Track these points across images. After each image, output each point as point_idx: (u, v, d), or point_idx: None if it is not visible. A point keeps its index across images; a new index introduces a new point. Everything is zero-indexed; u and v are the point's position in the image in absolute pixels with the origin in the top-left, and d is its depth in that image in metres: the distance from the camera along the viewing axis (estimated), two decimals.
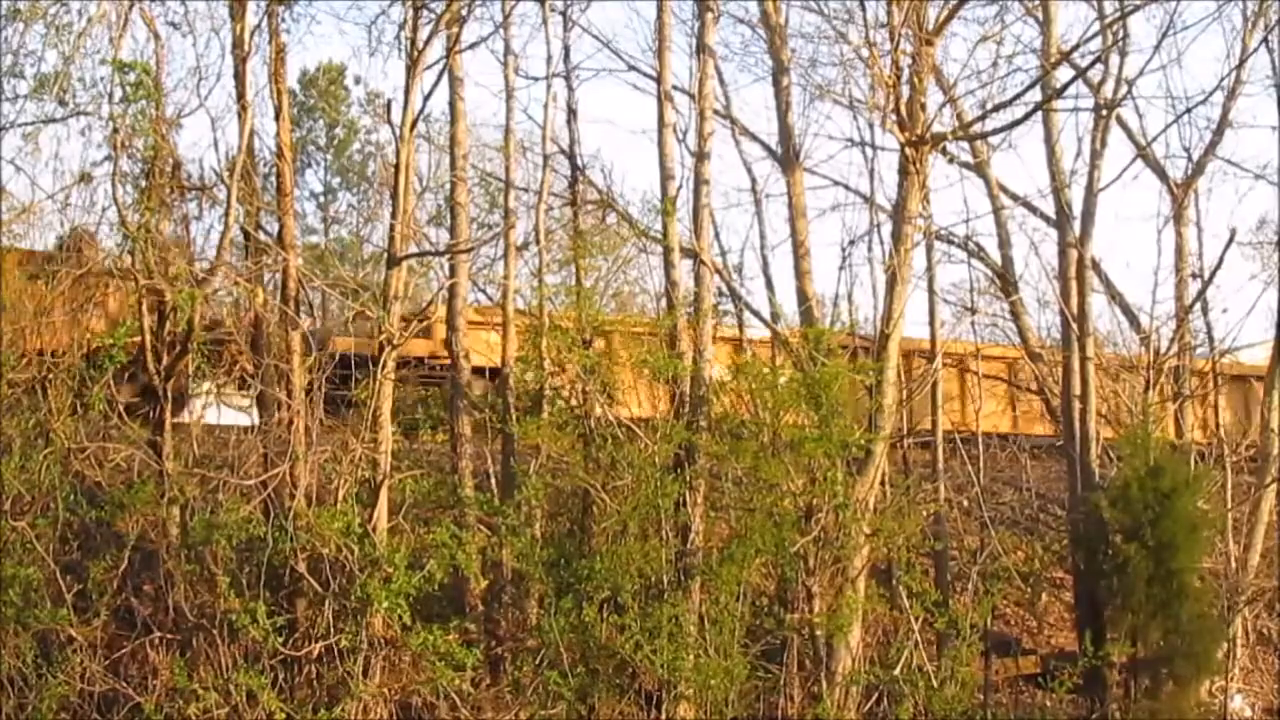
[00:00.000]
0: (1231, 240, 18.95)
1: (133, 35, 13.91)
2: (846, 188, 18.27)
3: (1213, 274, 19.26)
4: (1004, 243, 20.11)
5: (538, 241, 15.89)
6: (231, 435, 14.67)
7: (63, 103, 13.87)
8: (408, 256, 14.87)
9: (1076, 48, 17.00)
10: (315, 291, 16.19)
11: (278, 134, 14.45)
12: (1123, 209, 59.44)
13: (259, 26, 14.17)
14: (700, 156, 15.55)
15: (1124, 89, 18.30)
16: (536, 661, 13.75)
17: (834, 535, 14.75)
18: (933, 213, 17.84)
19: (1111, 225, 58.90)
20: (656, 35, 16.03)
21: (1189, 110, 19.11)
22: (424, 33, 14.30)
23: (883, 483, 15.82)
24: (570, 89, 16.57)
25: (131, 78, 13.17)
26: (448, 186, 16.44)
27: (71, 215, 14.25)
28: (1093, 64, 17.53)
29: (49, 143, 13.98)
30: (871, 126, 17.18)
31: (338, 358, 14.87)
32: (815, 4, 17.73)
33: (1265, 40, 19.18)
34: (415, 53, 14.26)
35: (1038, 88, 16.98)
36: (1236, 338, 19.77)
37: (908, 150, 15.67)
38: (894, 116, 15.67)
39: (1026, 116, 16.83)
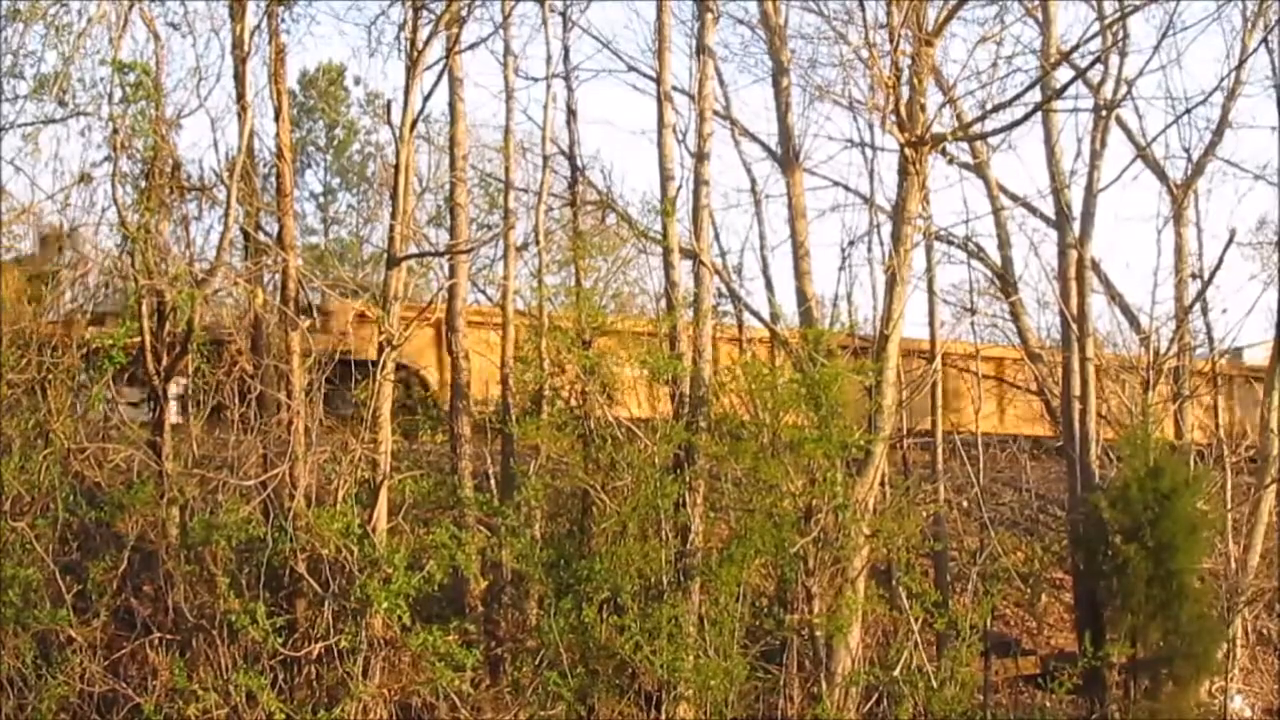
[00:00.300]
0: (1231, 241, 18.98)
1: (132, 36, 13.91)
2: (846, 188, 18.29)
3: (1212, 274, 19.29)
4: (1004, 243, 20.13)
5: (537, 242, 15.89)
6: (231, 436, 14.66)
7: (62, 103, 13.87)
8: (407, 257, 14.86)
9: (1076, 48, 16.99)
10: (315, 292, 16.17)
11: (277, 134, 14.44)
12: (1122, 209, 59.53)
13: (259, 27, 14.17)
14: (700, 157, 15.55)
15: (1124, 89, 18.32)
16: (536, 662, 13.76)
17: (834, 536, 14.75)
18: (932, 213, 17.87)
19: (1111, 226, 58.97)
20: (656, 36, 16.04)
21: (1189, 111, 19.15)
22: (424, 33, 14.29)
23: (882, 483, 15.82)
24: (570, 89, 16.61)
25: (131, 78, 13.16)
26: (447, 187, 16.43)
27: (71, 215, 14.27)
28: (1092, 64, 17.55)
29: (49, 143, 14.00)
30: (871, 127, 17.19)
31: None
32: (815, 5, 17.75)
33: (1265, 41, 19.19)
34: (415, 53, 14.25)
35: (1037, 88, 16.97)
36: (1236, 338, 19.76)
37: (907, 151, 15.67)
38: (894, 117, 15.67)
39: (1026, 117, 16.83)
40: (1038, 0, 18.34)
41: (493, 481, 15.56)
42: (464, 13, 14.80)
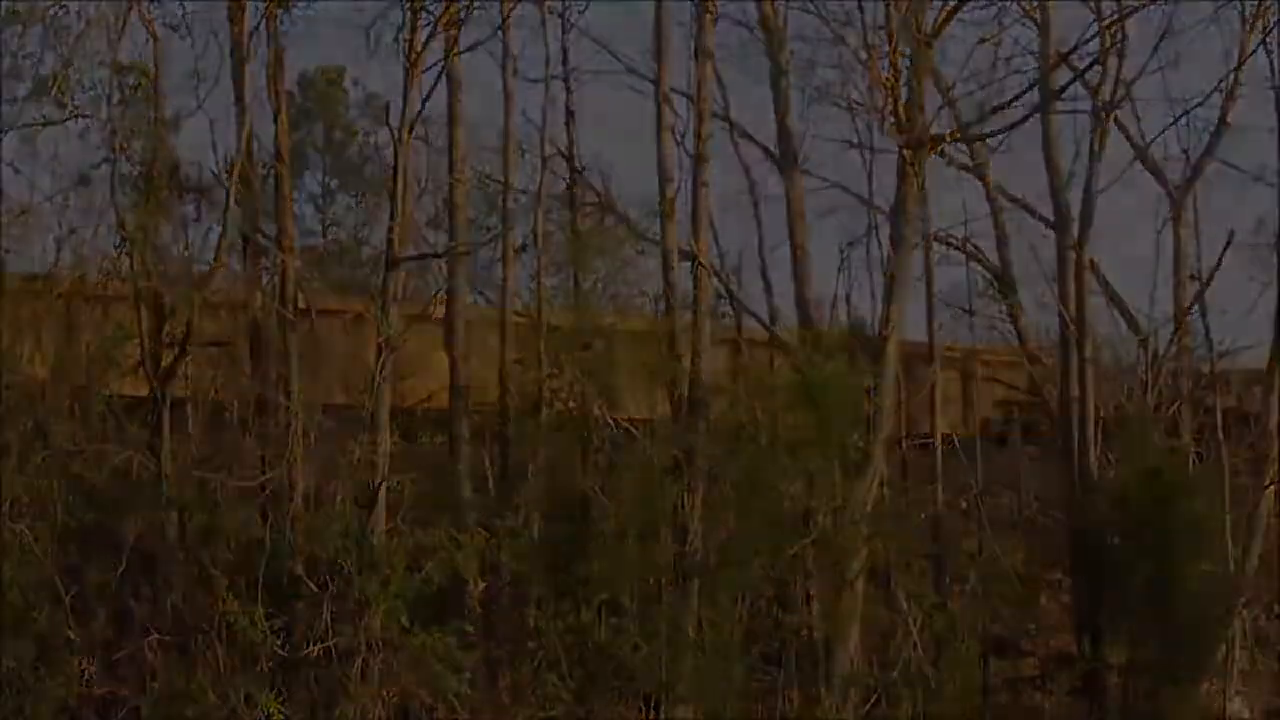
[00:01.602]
0: (1230, 242, 18.97)
1: (131, 38, 13.94)
2: (845, 190, 18.28)
3: (1211, 276, 19.26)
4: (1002, 244, 20.11)
5: (536, 243, 15.88)
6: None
7: (61, 105, 13.87)
8: (406, 259, 14.85)
9: (1075, 50, 17.00)
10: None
11: (276, 136, 14.44)
12: (1122, 210, 59.37)
13: (257, 29, 14.17)
14: (698, 159, 15.55)
15: (1122, 91, 18.31)
16: (534, 664, 13.75)
17: (832, 538, 14.74)
18: (931, 215, 17.88)
19: (1110, 227, 58.87)
20: (655, 38, 16.04)
21: (1187, 113, 19.14)
22: (422, 35, 14.29)
23: (881, 485, 15.81)
24: (568, 91, 16.60)
25: (130, 80, 13.18)
26: (446, 188, 16.43)
27: (70, 217, 14.26)
28: (1090, 66, 17.52)
29: (47, 145, 14.00)
30: (870, 129, 17.20)
31: None
32: (813, 6, 17.72)
33: (1264, 42, 19.18)
34: (413, 55, 14.24)
35: (1036, 90, 16.97)
36: (1235, 339, 19.70)
37: (906, 152, 15.66)
38: (892, 119, 15.67)
39: (1025, 119, 16.83)
40: (1036, 2, 18.32)
41: (491, 483, 15.54)
42: (462, 15, 14.78)
